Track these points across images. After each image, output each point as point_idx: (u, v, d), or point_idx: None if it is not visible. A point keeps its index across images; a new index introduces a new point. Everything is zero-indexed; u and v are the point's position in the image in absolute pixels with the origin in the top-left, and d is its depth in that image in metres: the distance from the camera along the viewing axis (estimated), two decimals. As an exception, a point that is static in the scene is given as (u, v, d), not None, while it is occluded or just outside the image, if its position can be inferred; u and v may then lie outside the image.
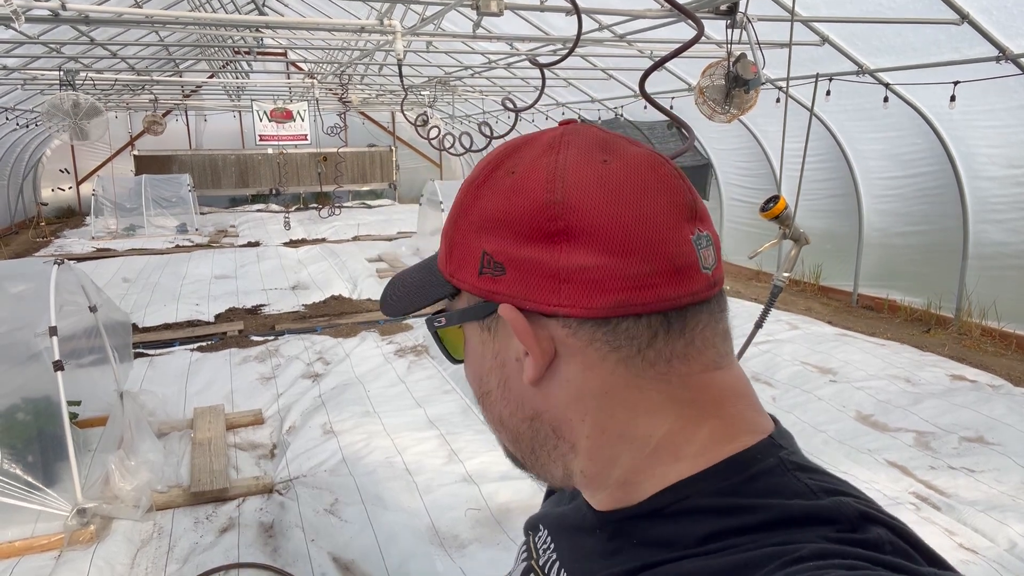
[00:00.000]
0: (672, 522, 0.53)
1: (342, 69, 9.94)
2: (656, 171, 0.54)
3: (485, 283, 0.56)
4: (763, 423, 0.57)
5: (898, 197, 7.00)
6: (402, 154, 18.89)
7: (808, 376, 5.21)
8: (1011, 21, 4.66)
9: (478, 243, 0.57)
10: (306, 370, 5.65)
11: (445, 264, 0.61)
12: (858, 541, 0.45)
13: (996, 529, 3.25)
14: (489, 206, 0.56)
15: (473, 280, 0.57)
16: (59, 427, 3.36)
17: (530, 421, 0.59)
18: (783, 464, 0.53)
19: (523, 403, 0.59)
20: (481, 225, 0.57)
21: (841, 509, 0.47)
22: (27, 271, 3.98)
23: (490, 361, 0.60)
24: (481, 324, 0.59)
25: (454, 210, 0.61)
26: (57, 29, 7.21)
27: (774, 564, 0.44)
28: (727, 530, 0.49)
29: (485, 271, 0.56)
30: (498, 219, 0.55)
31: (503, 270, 0.55)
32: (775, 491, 0.51)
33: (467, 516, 3.46)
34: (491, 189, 0.57)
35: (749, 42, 4.28)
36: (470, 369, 0.63)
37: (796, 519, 0.48)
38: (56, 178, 16.28)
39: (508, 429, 0.61)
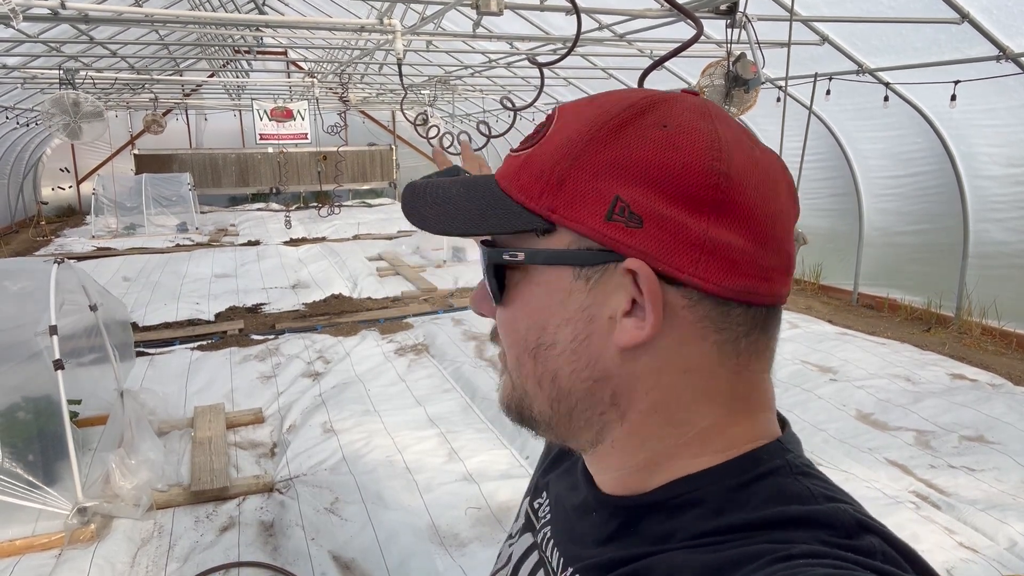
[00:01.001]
0: (673, 515, 0.54)
1: (342, 68, 9.93)
2: (785, 174, 0.57)
3: (613, 231, 0.52)
4: (775, 427, 0.58)
5: (898, 196, 7.00)
6: (402, 153, 18.89)
7: (808, 375, 5.21)
8: (1011, 20, 4.66)
9: (610, 187, 0.53)
10: (306, 369, 5.65)
11: (540, 196, 0.55)
12: (851, 547, 0.45)
13: (996, 528, 3.25)
14: (634, 153, 0.52)
15: (595, 223, 0.53)
16: (59, 426, 3.36)
17: (592, 383, 0.56)
18: (788, 467, 0.53)
19: (595, 364, 0.55)
20: (619, 169, 0.53)
21: (838, 515, 0.48)
22: (27, 270, 3.98)
23: (570, 313, 0.55)
24: (576, 271, 0.54)
25: (569, 143, 0.55)
26: (57, 28, 7.21)
27: (763, 560, 0.45)
28: (724, 527, 0.50)
29: (616, 218, 0.52)
30: (645, 168, 0.52)
31: (640, 223, 0.52)
32: (776, 493, 0.51)
33: (467, 515, 3.47)
34: (636, 136, 0.53)
35: (749, 41, 4.28)
36: (527, 316, 0.57)
37: (792, 521, 0.48)
38: (56, 177, 16.28)
39: (557, 386, 0.57)
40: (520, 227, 0.55)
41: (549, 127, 0.57)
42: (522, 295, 0.58)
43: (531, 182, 0.56)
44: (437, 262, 9.45)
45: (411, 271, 9.12)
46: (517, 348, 0.59)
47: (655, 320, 0.52)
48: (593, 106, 0.56)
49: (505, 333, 0.60)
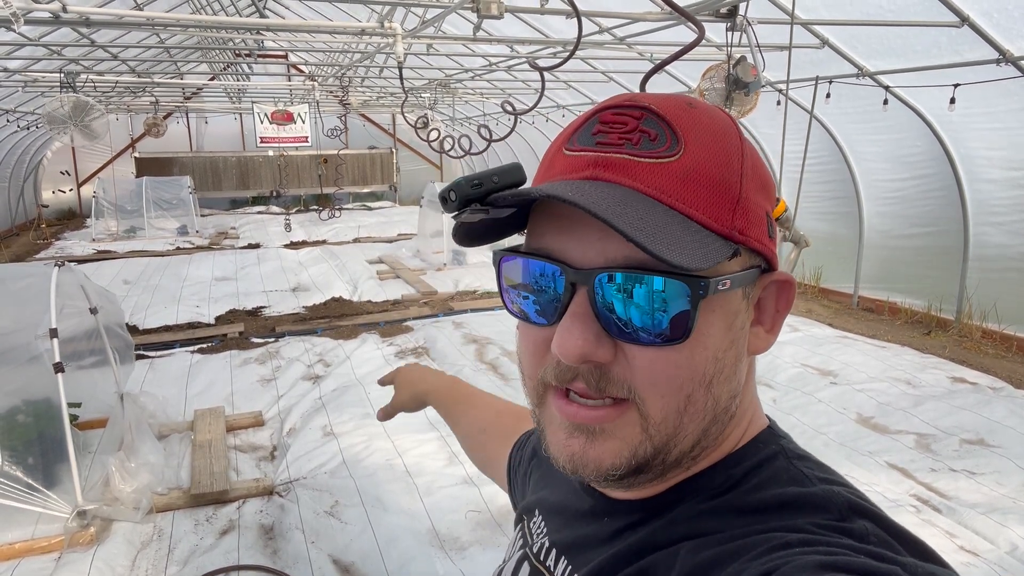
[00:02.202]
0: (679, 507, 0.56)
1: (343, 71, 9.95)
2: None
3: (772, 245, 0.54)
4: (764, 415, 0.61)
5: (899, 199, 7.00)
6: (402, 156, 18.91)
7: (809, 378, 5.20)
8: (1011, 24, 4.67)
9: (761, 203, 0.53)
10: (306, 372, 5.65)
11: (729, 217, 0.51)
12: (844, 530, 0.47)
13: (997, 531, 3.25)
14: (764, 172, 0.54)
15: (765, 240, 0.53)
16: (59, 429, 3.36)
17: (732, 400, 0.54)
18: (784, 452, 0.56)
19: (740, 377, 0.55)
20: (763, 186, 0.54)
21: (832, 498, 0.49)
22: (28, 273, 3.98)
23: (735, 333, 0.53)
24: (745, 291, 0.53)
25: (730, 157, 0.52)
26: (58, 31, 7.21)
27: (761, 549, 0.46)
28: (727, 509, 0.52)
29: (772, 234, 0.54)
30: (769, 188, 0.55)
31: (775, 235, 0.55)
32: (774, 476, 0.53)
33: (468, 518, 3.46)
34: (757, 156, 0.55)
35: (749, 45, 4.28)
36: (705, 348, 0.51)
37: (789, 504, 0.50)
38: (57, 180, 16.29)
39: (714, 411, 0.53)
40: (724, 255, 0.49)
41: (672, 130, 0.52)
42: (699, 327, 0.50)
43: (712, 201, 0.50)
44: (437, 265, 9.45)
45: (411, 274, 9.12)
46: (691, 386, 0.51)
47: (782, 323, 0.55)
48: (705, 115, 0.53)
49: (671, 375, 0.51)
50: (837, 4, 5.25)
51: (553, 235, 0.53)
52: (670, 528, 0.54)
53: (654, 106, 0.53)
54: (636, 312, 0.50)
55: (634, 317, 0.50)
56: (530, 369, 0.56)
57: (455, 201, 0.53)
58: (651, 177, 0.50)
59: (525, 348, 0.57)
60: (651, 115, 0.52)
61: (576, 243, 0.52)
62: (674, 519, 0.54)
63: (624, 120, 0.53)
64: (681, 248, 0.47)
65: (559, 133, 0.58)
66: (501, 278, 0.58)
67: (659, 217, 0.49)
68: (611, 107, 0.54)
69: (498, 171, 0.54)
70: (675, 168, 0.50)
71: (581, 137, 0.54)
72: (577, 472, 0.54)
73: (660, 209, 0.49)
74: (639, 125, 0.52)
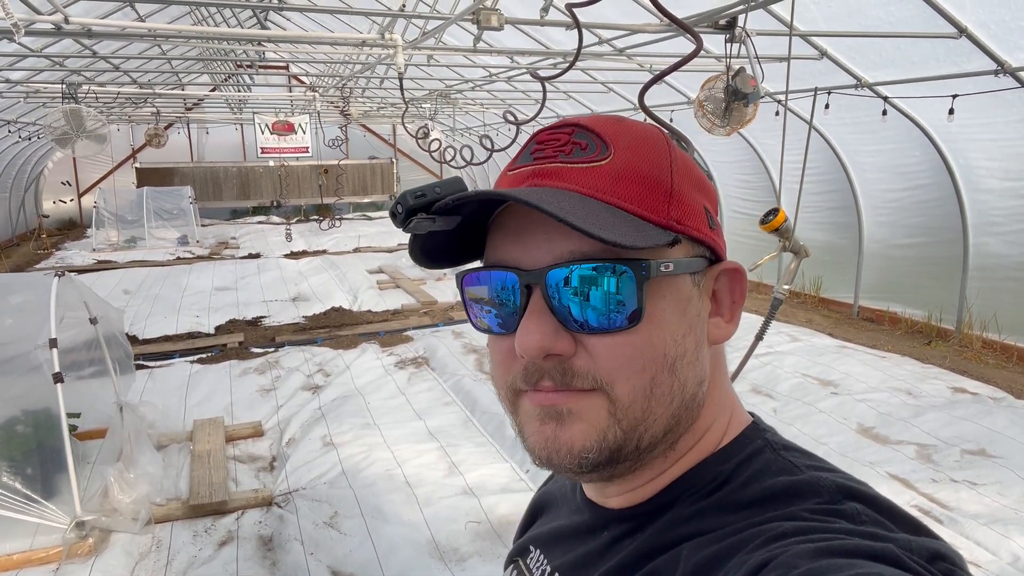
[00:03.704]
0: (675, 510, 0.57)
1: (343, 82, 9.98)
2: None
3: (715, 236, 0.58)
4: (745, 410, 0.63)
5: (898, 209, 7.01)
6: (403, 166, 18.95)
7: (809, 388, 5.20)
8: (1008, 35, 4.69)
9: (698, 198, 0.58)
10: (306, 382, 5.64)
11: (660, 208, 0.54)
12: (836, 512, 0.48)
13: (999, 542, 3.23)
14: (698, 174, 0.59)
15: (706, 231, 0.57)
16: (58, 439, 3.35)
17: (698, 386, 0.57)
18: (770, 445, 0.58)
19: (705, 365, 0.58)
20: (697, 185, 0.58)
21: (821, 483, 0.51)
22: (28, 283, 3.98)
23: (691, 319, 0.56)
24: (694, 278, 0.56)
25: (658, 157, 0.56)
26: (60, 43, 7.25)
27: (758, 541, 0.47)
28: (722, 504, 0.54)
29: (712, 226, 0.58)
30: (707, 188, 0.59)
31: (715, 226, 0.59)
32: (764, 469, 0.55)
33: (467, 529, 3.45)
34: (689, 160, 0.59)
35: (748, 56, 4.30)
36: (662, 331, 0.54)
37: (781, 494, 0.52)
38: (58, 190, 16.33)
39: (683, 396, 0.55)
40: (661, 240, 0.53)
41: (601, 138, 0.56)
42: (651, 311, 0.54)
43: (645, 194, 0.54)
44: (437, 275, 9.45)
45: (411, 284, 9.13)
46: (653, 368, 0.54)
47: (740, 313, 0.59)
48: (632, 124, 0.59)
49: (630, 358, 0.53)
50: (836, 16, 5.27)
51: (505, 247, 0.57)
52: (668, 531, 0.55)
53: (583, 122, 0.58)
54: (588, 302, 0.53)
55: (587, 307, 0.53)
56: (500, 379, 0.59)
57: (401, 213, 0.55)
58: (585, 179, 0.55)
59: (494, 360, 0.60)
60: (581, 129, 0.57)
61: (524, 248, 0.55)
62: (671, 522, 0.55)
63: (557, 137, 0.58)
64: (617, 230, 0.50)
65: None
66: (464, 297, 0.61)
67: (595, 208, 0.52)
68: (545, 129, 0.59)
69: (439, 183, 0.57)
70: (606, 169, 0.55)
71: (522, 158, 0.59)
72: (552, 459, 0.55)
73: (596, 204, 0.53)
74: (571, 139, 0.57)
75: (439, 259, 0.62)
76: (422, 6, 6.38)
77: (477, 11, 3.92)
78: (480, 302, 0.58)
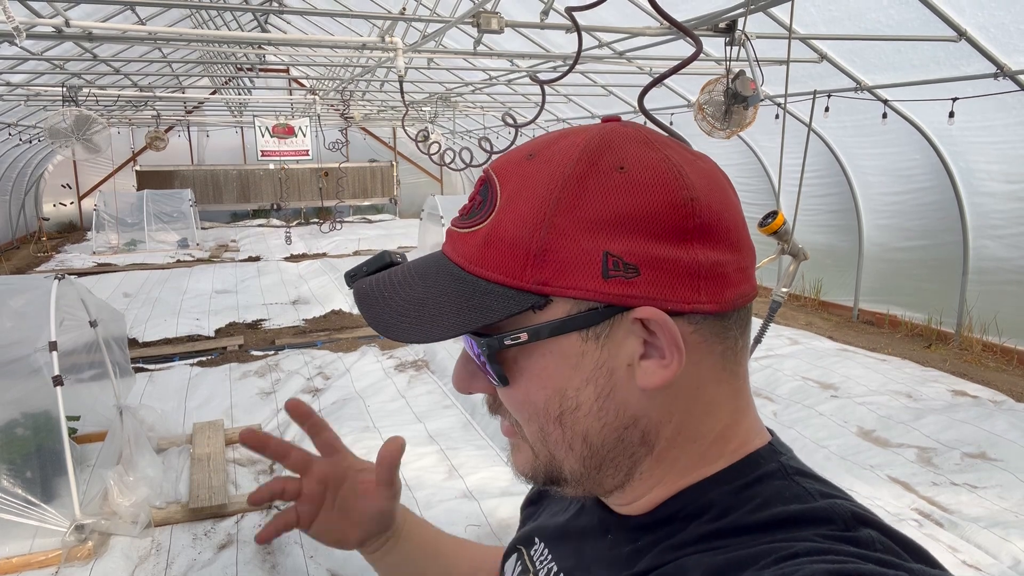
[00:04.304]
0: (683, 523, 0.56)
1: (343, 85, 10.00)
2: (720, 170, 0.58)
3: (613, 287, 0.52)
4: (764, 431, 0.61)
5: (898, 212, 7.02)
6: (403, 169, 18.97)
7: (809, 391, 5.19)
8: (1008, 38, 4.69)
9: (595, 244, 0.52)
10: (306, 385, 5.64)
11: (524, 271, 0.52)
12: (850, 539, 0.47)
13: (999, 546, 3.23)
14: (608, 204, 0.52)
15: (593, 285, 0.52)
16: (58, 442, 3.35)
17: (623, 430, 0.56)
18: (784, 469, 0.56)
19: (623, 412, 0.55)
20: (598, 225, 0.52)
21: (835, 510, 0.50)
22: (28, 286, 3.99)
23: (587, 373, 0.54)
24: (584, 334, 0.53)
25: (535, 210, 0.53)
26: (61, 46, 7.26)
27: (769, 559, 0.47)
28: (729, 530, 0.52)
29: (613, 274, 0.52)
30: (624, 218, 0.52)
31: (637, 271, 0.52)
32: (776, 494, 0.53)
33: (467, 532, 3.44)
34: (601, 186, 0.52)
35: (748, 59, 4.31)
36: (543, 388, 0.55)
37: (793, 519, 0.50)
38: (58, 193, 16.34)
39: (588, 444, 0.56)
40: (514, 310, 0.52)
41: (494, 195, 0.55)
42: (530, 369, 0.55)
43: (506, 259, 0.53)
44: (437, 278, 9.44)
45: (411, 287, 9.12)
46: (539, 420, 0.56)
47: (680, 357, 0.52)
48: (539, 163, 0.54)
49: (518, 409, 0.58)
50: (835, 19, 5.28)
51: None
52: (677, 549, 0.54)
53: (494, 170, 0.57)
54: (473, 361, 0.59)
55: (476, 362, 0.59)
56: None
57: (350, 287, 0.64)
58: (463, 246, 0.56)
59: None
60: (487, 180, 0.57)
61: None
62: (680, 542, 0.54)
63: (475, 190, 0.58)
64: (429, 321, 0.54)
65: None
66: None
67: (438, 289, 0.56)
68: (479, 179, 0.59)
69: (368, 260, 0.64)
70: (480, 234, 0.55)
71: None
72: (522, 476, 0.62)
73: (455, 277, 0.56)
74: (476, 193, 0.58)
75: None
76: (422, 9, 6.39)
77: (477, 14, 3.92)
78: None
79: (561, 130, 0.59)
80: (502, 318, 0.53)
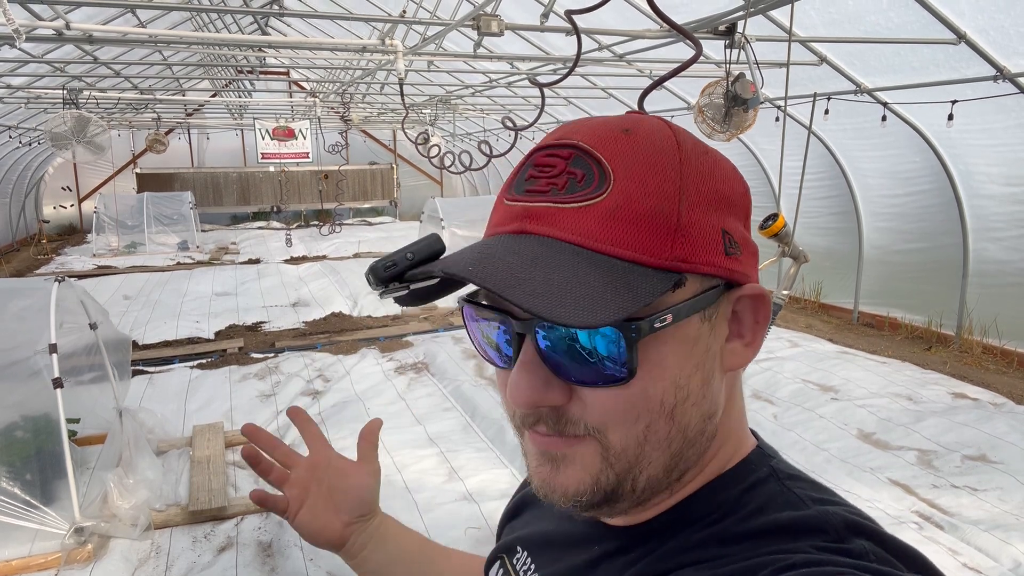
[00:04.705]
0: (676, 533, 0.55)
1: (344, 88, 10.01)
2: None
3: (732, 263, 0.52)
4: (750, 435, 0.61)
5: (898, 215, 7.02)
6: (403, 172, 18.98)
7: (809, 394, 5.19)
8: (1007, 41, 4.70)
9: (716, 221, 0.52)
10: (306, 387, 5.63)
11: (662, 248, 0.49)
12: (842, 551, 0.47)
13: (1000, 548, 3.22)
14: (718, 185, 0.53)
15: (720, 261, 0.51)
16: (58, 445, 3.35)
17: (706, 421, 0.53)
18: (775, 474, 0.55)
19: (713, 400, 0.53)
20: (715, 202, 0.52)
21: (828, 519, 0.49)
22: (28, 288, 3.99)
23: (698, 358, 0.52)
24: (703, 314, 0.52)
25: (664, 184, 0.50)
26: (61, 48, 7.27)
27: (767, 571, 0.46)
28: (723, 539, 0.51)
29: (731, 251, 0.52)
30: (726, 198, 0.53)
31: (740, 250, 0.53)
32: (769, 502, 0.53)
33: (467, 535, 3.44)
34: (710, 168, 0.53)
35: (748, 62, 4.31)
36: (661, 379, 0.51)
37: (786, 528, 0.50)
38: (58, 195, 16.34)
39: (684, 439, 0.52)
40: (660, 291, 0.48)
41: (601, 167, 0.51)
42: (649, 359, 0.50)
43: (643, 235, 0.49)
44: (437, 280, 9.44)
45: (411, 289, 9.11)
46: (648, 416, 0.51)
47: (763, 337, 0.54)
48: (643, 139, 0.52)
49: (626, 410, 0.50)
50: (835, 22, 5.28)
51: None
52: (668, 560, 0.53)
53: (584, 142, 0.52)
54: (578, 358, 0.50)
55: (577, 363, 0.50)
56: (507, 409, 0.56)
57: (374, 284, 0.54)
58: (575, 223, 0.50)
59: (500, 388, 0.57)
60: (580, 153, 0.52)
61: None
62: (671, 551, 0.53)
63: (553, 162, 0.52)
64: (586, 304, 0.45)
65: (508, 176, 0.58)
66: (467, 325, 0.58)
67: (573, 270, 0.47)
68: (544, 148, 0.54)
69: (413, 247, 0.54)
70: (600, 208, 0.49)
71: (517, 184, 0.54)
72: (548, 498, 0.54)
73: (583, 257, 0.48)
74: (566, 167, 0.51)
75: (430, 298, 0.59)
76: (422, 12, 6.40)
77: (477, 17, 3.93)
78: (480, 334, 0.57)
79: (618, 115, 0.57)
80: (652, 300, 0.47)
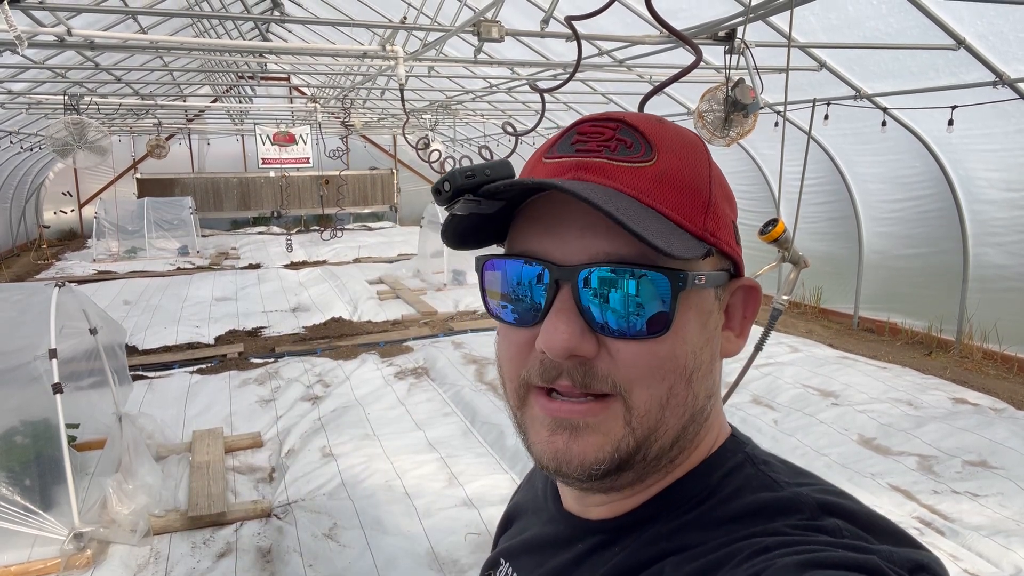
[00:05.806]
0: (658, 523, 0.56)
1: (344, 93, 10.02)
2: None
3: (739, 251, 0.59)
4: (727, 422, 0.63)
5: (898, 220, 7.02)
6: (403, 177, 18.99)
7: (810, 399, 5.18)
8: (1007, 47, 4.71)
9: (729, 212, 0.58)
10: (306, 392, 5.63)
11: (702, 219, 0.54)
12: (817, 528, 0.49)
13: (1001, 554, 3.22)
14: (727, 187, 0.59)
15: (734, 245, 0.58)
16: (57, 450, 3.34)
17: (708, 400, 0.57)
18: (750, 459, 0.58)
19: (714, 379, 0.58)
20: (728, 199, 0.59)
21: (802, 499, 0.51)
22: (28, 293, 3.98)
23: (710, 332, 0.56)
24: (717, 292, 0.56)
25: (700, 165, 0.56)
26: (62, 54, 7.27)
27: (743, 555, 0.48)
28: (704, 522, 0.53)
29: (739, 241, 0.59)
30: (732, 202, 0.60)
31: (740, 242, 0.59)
32: (745, 485, 0.55)
33: (467, 540, 3.43)
34: (719, 170, 0.59)
35: (747, 67, 4.32)
36: (684, 342, 0.54)
37: (762, 510, 0.52)
38: (58, 201, 16.35)
39: (693, 408, 0.55)
40: (699, 251, 0.52)
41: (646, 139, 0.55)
42: (677, 321, 0.53)
43: (685, 201, 0.54)
44: (437, 285, 9.45)
45: (411, 294, 9.13)
46: (672, 378, 0.53)
47: (749, 329, 0.59)
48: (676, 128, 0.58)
49: (655, 366, 0.53)
50: (834, 27, 5.29)
51: (535, 237, 0.55)
52: (650, 546, 0.54)
53: (628, 119, 0.56)
54: (619, 306, 0.51)
55: (617, 311, 0.51)
56: (511, 371, 0.57)
57: (448, 191, 0.54)
58: (629, 179, 0.53)
59: (506, 351, 0.57)
60: (626, 126, 0.56)
61: (558, 242, 0.53)
62: (653, 537, 0.55)
63: (601, 131, 0.56)
64: (663, 238, 0.49)
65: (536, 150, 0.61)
66: (484, 283, 0.59)
67: (640, 211, 0.51)
68: (588, 120, 0.57)
69: (489, 165, 0.55)
70: (650, 172, 0.54)
71: (561, 147, 0.57)
72: (560, 470, 0.54)
73: (639, 206, 0.52)
74: (615, 134, 0.55)
75: (468, 241, 0.60)
76: (423, 18, 6.41)
77: (478, 23, 3.94)
78: (500, 291, 0.57)
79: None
80: (698, 255, 0.52)
